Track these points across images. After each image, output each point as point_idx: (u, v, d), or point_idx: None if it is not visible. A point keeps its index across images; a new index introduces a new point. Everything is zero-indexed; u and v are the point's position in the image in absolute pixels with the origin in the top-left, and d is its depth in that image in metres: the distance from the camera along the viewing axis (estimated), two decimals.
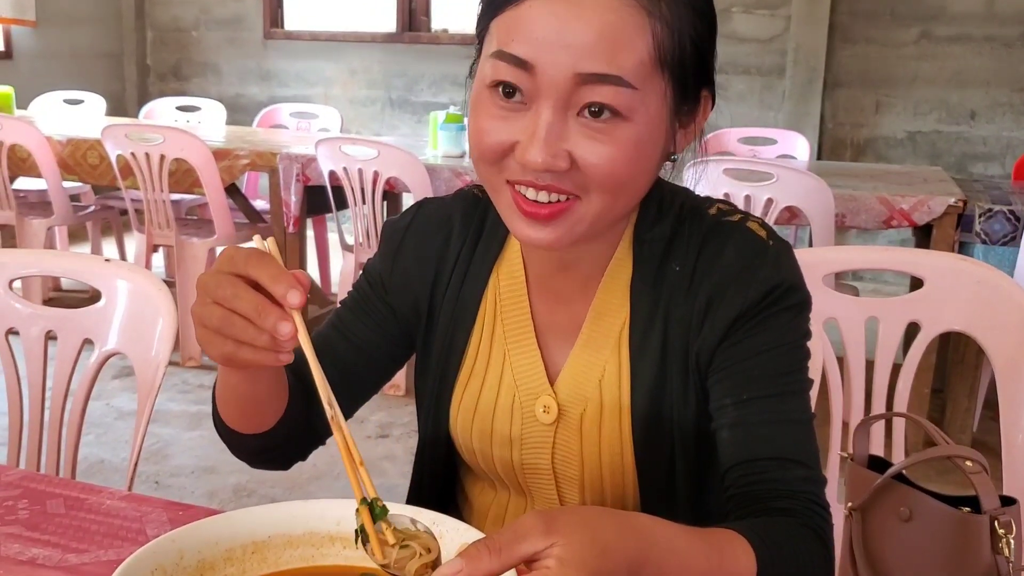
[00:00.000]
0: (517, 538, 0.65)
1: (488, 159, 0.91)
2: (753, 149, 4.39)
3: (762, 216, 3.13)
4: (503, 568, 0.64)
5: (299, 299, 0.73)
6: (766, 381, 0.95)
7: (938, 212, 3.13)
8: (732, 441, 0.95)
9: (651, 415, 1.00)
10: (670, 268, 0.99)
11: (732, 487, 0.94)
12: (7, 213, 4.19)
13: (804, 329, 0.99)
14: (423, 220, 1.09)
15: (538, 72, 0.85)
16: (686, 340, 0.98)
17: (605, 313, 1.01)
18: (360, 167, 3.50)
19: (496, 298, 1.05)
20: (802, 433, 0.96)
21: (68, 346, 1.47)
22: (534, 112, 0.86)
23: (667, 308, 0.98)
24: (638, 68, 0.85)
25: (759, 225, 1.00)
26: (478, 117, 0.90)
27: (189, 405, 3.55)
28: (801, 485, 0.93)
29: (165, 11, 6.84)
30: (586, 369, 1.02)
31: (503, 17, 0.87)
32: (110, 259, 1.47)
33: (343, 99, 6.36)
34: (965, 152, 5.32)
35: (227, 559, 0.79)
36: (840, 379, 1.60)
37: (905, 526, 1.15)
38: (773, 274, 0.96)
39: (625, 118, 0.86)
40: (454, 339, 1.06)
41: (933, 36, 5.23)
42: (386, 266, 1.09)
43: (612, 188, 0.88)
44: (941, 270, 1.56)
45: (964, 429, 3.33)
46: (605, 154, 0.86)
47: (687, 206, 1.01)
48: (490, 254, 1.06)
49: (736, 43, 5.55)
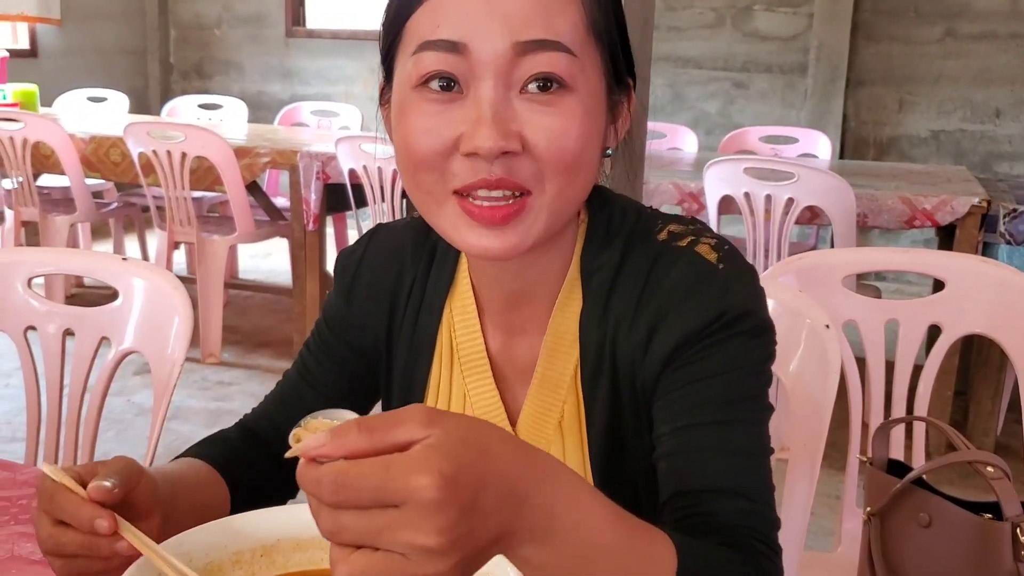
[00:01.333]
0: (394, 422, 0.57)
1: (428, 164, 0.83)
2: (774, 148, 4.36)
3: (783, 215, 3.12)
4: (372, 449, 0.56)
5: (105, 527, 0.74)
6: (709, 408, 0.86)
7: (961, 212, 3.09)
8: (668, 471, 0.86)
9: (610, 457, 0.94)
10: (617, 299, 0.92)
11: (668, 523, 0.83)
12: (31, 210, 4.22)
13: (759, 356, 0.89)
14: (375, 251, 1.04)
15: (472, 51, 0.80)
16: (632, 374, 0.91)
17: (557, 351, 0.95)
18: (380, 165, 3.51)
19: (451, 332, 0.99)
20: (748, 465, 0.86)
21: (85, 344, 1.47)
22: (473, 97, 0.81)
23: (613, 343, 0.91)
24: (574, 33, 0.82)
25: (711, 248, 0.91)
26: (408, 121, 0.83)
27: (208, 402, 3.56)
28: (742, 519, 0.82)
29: (188, 9, 6.87)
30: (544, 411, 0.95)
31: (421, 10, 0.82)
32: (127, 258, 1.47)
33: (363, 97, 6.37)
34: (990, 151, 5.27)
35: (235, 562, 0.79)
36: (860, 382, 1.59)
37: (925, 532, 1.14)
38: (719, 300, 0.87)
39: (570, 88, 0.81)
40: (414, 376, 1.01)
41: (957, 34, 5.18)
42: (341, 304, 1.04)
43: (566, 168, 0.82)
44: (963, 272, 1.54)
45: (987, 432, 3.29)
46: (557, 127, 0.81)
47: (638, 227, 0.94)
48: (441, 285, 1.00)
49: (758, 41, 5.51)
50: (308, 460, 0.57)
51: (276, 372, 3.90)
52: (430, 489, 0.54)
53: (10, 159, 4.08)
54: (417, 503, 0.54)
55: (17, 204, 4.22)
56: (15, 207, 4.23)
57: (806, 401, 1.36)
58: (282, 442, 1.03)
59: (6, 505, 1.03)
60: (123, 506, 0.76)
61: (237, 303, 4.75)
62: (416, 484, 0.54)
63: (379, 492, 0.55)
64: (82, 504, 0.74)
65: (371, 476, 0.55)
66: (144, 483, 0.79)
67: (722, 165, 3.19)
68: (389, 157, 0.89)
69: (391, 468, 0.55)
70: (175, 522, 0.80)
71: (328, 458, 0.56)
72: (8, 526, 0.99)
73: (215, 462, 0.98)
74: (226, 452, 1.01)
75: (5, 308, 1.47)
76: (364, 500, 0.55)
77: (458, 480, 0.55)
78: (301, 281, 4.01)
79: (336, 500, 0.55)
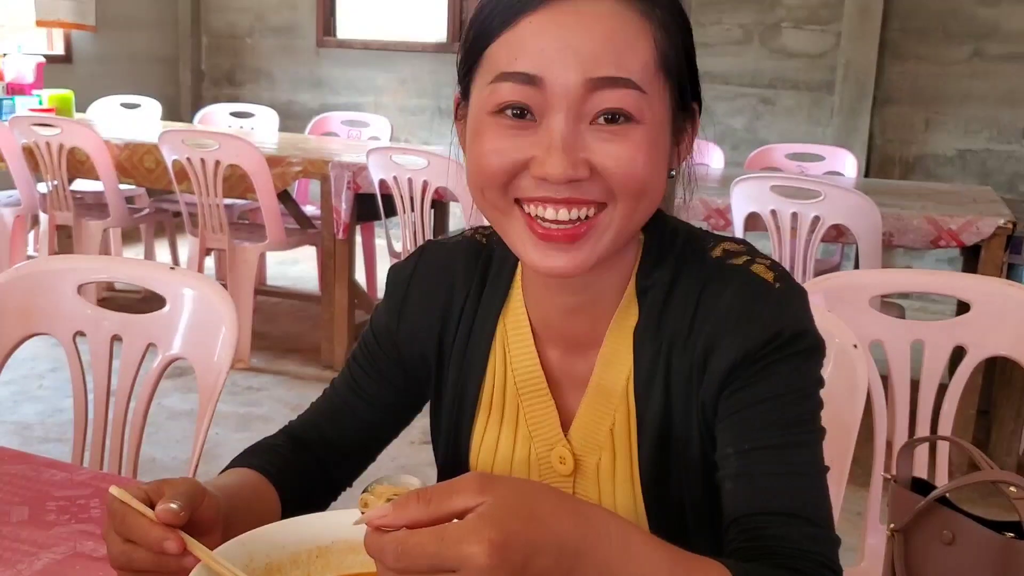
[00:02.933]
0: (450, 492, 0.63)
1: (497, 182, 0.88)
2: (800, 165, 4.38)
3: (809, 233, 3.15)
4: (431, 518, 0.62)
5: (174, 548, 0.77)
6: (770, 431, 0.89)
7: (987, 233, 3.11)
8: (734, 493, 0.90)
9: (658, 465, 0.97)
10: (671, 316, 0.95)
11: (734, 542, 0.87)
12: (65, 214, 4.30)
13: (813, 377, 0.93)
14: (426, 268, 1.08)
15: (547, 84, 0.84)
16: (688, 391, 0.94)
17: (612, 362, 0.98)
18: (410, 176, 3.56)
19: (504, 349, 1.03)
20: (811, 487, 0.89)
21: (133, 349, 1.52)
22: (546, 126, 0.85)
23: (668, 358, 0.95)
24: (644, 71, 0.85)
25: (767, 268, 0.94)
26: (482, 143, 0.88)
27: (238, 407, 3.61)
28: (809, 544, 0.86)
29: (221, 18, 6.97)
30: (597, 418, 0.99)
31: (500, 41, 0.87)
32: (175, 267, 1.53)
33: (393, 107, 6.44)
34: (1016, 171, 5.27)
35: (293, 562, 0.83)
36: (884, 400, 1.62)
37: (948, 549, 1.16)
38: (775, 319, 0.90)
39: (638, 121, 0.86)
40: (465, 391, 1.04)
41: (985, 54, 5.19)
42: (392, 320, 1.08)
43: (635, 191, 0.87)
44: (988, 294, 1.57)
45: (1010, 452, 3.30)
46: (625, 155, 0.85)
47: (689, 247, 0.98)
48: (495, 305, 1.03)
49: (786, 58, 5.54)
50: (373, 528, 0.64)
51: (304, 378, 3.96)
52: (481, 556, 0.60)
53: (46, 164, 4.16)
54: (470, 569, 0.60)
55: (52, 208, 4.30)
56: (49, 211, 4.31)
57: (833, 419, 1.38)
58: (330, 451, 1.09)
59: (66, 505, 1.08)
60: (188, 524, 0.81)
61: (265, 309, 4.81)
62: (468, 552, 0.60)
63: (436, 559, 0.61)
64: (152, 527, 0.79)
65: (428, 545, 0.61)
66: (207, 501, 0.84)
67: (749, 182, 3.22)
68: (419, 168, 0.95)
69: (445, 538, 0.61)
70: (234, 534, 0.84)
71: (391, 527, 0.63)
72: (69, 524, 1.04)
73: (267, 472, 1.03)
74: (276, 461, 1.05)
75: (57, 313, 1.52)
76: (423, 567, 0.62)
77: (508, 546, 0.61)
78: (330, 289, 4.07)
79: (398, 567, 0.62)
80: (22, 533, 1.02)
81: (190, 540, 0.79)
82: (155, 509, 0.79)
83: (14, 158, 4.23)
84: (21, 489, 1.12)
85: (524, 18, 0.85)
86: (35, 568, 0.95)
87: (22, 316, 1.51)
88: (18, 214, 4.46)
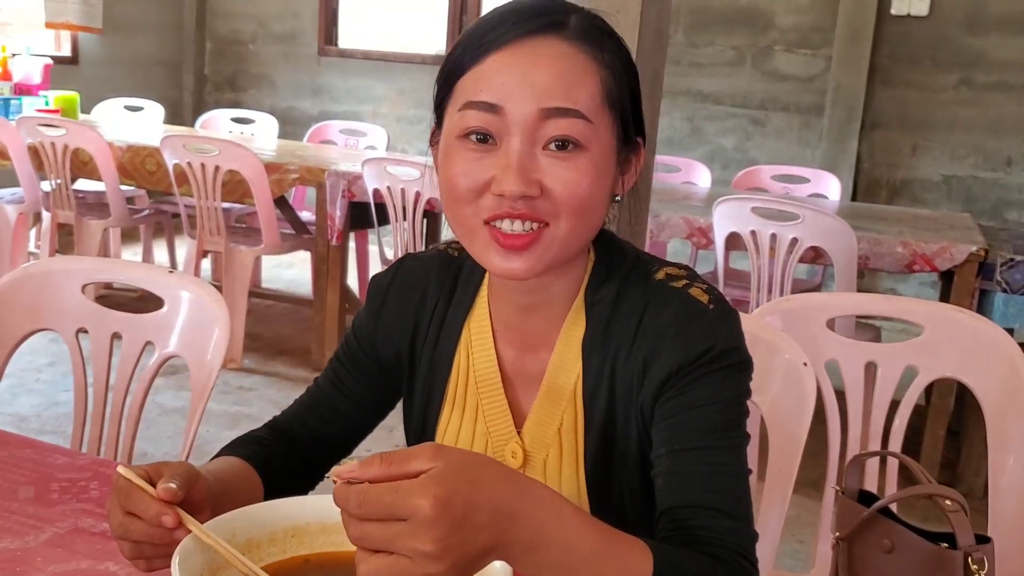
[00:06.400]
0: (408, 456, 0.73)
1: (465, 199, 1.00)
2: (786, 187, 4.48)
3: (787, 254, 3.25)
4: (390, 476, 0.72)
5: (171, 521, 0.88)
6: (700, 434, 1.00)
7: (959, 259, 3.19)
8: (665, 488, 1.00)
9: (602, 462, 1.08)
10: (616, 329, 1.07)
11: (663, 531, 0.98)
12: (67, 213, 4.39)
13: (741, 389, 1.04)
14: (403, 278, 1.20)
15: (507, 112, 0.97)
16: (629, 396, 1.06)
17: (562, 367, 1.10)
18: (403, 187, 3.67)
19: (468, 350, 1.15)
20: (734, 486, 1.00)
21: (132, 347, 1.62)
22: (504, 149, 0.98)
23: (613, 367, 1.07)
24: (590, 103, 0.98)
25: (703, 291, 1.06)
26: (452, 165, 1.01)
27: (229, 405, 3.71)
28: (729, 536, 0.96)
29: (224, 23, 7.08)
30: (547, 418, 1.11)
31: (468, 76, 0.99)
32: (173, 270, 1.63)
33: (391, 117, 6.55)
34: (1000, 198, 5.37)
35: (270, 540, 0.93)
36: (839, 416, 1.71)
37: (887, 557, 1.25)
38: (708, 336, 1.02)
39: (584, 148, 0.98)
40: (433, 387, 1.17)
41: (972, 83, 5.30)
42: (371, 323, 1.20)
43: (577, 211, 0.99)
44: (938, 320, 1.67)
45: (978, 472, 3.36)
46: (571, 179, 0.98)
47: (635, 270, 1.09)
48: (461, 310, 1.15)
49: (777, 80, 5.65)
50: (343, 481, 0.74)
51: (294, 379, 4.05)
52: (427, 508, 0.70)
53: (50, 163, 4.26)
54: (418, 518, 0.71)
55: (54, 207, 4.40)
56: (52, 209, 4.41)
57: (782, 431, 1.49)
58: (311, 442, 1.19)
59: (68, 486, 1.18)
60: (182, 502, 0.92)
61: (258, 311, 4.90)
62: (417, 504, 0.71)
63: (390, 508, 0.72)
64: (152, 502, 0.90)
65: (384, 495, 0.72)
66: (200, 483, 0.95)
67: (730, 203, 3.32)
68: (412, 179, 1.08)
69: (400, 491, 0.72)
70: (221, 512, 0.95)
71: (357, 480, 0.74)
72: (71, 503, 1.14)
73: (252, 460, 1.14)
74: (261, 451, 1.17)
75: (62, 310, 1.62)
76: (380, 514, 0.72)
77: (451, 502, 0.71)
78: (322, 293, 4.16)
79: (359, 513, 0.73)
80: (29, 509, 1.12)
81: (184, 515, 0.89)
82: (156, 487, 0.90)
83: (20, 157, 4.33)
84: (28, 471, 1.22)
85: (490, 56, 0.99)
86: (40, 540, 1.06)
87: (30, 312, 1.61)
88: (21, 211, 4.56)
